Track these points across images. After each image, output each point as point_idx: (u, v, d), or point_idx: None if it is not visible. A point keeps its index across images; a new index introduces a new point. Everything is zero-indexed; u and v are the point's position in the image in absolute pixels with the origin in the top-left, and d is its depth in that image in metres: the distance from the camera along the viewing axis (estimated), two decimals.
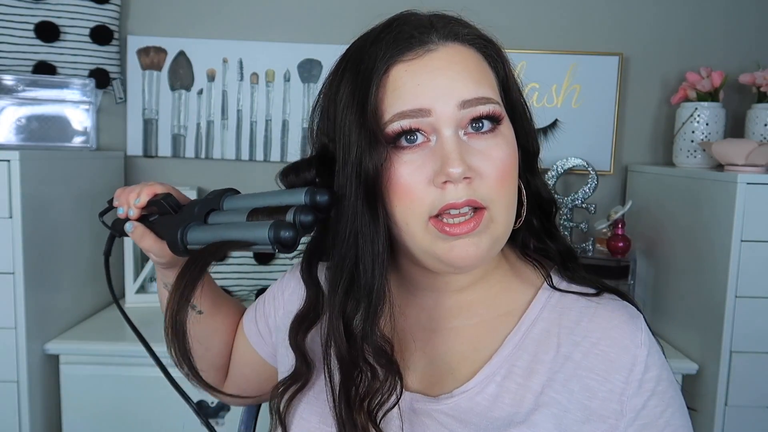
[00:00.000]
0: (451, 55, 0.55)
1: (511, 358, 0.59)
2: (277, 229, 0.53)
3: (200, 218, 0.63)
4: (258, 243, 0.55)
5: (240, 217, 0.59)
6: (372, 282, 0.55)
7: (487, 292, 0.63)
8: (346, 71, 0.57)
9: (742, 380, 1.27)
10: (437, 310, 0.63)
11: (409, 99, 0.53)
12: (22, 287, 1.22)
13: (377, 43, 0.56)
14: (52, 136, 1.49)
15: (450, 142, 0.53)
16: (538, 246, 0.66)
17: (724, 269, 1.25)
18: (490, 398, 0.58)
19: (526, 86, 1.68)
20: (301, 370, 0.63)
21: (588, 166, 1.64)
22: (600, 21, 1.72)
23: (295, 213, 0.55)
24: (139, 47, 1.69)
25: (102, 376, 1.34)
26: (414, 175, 0.53)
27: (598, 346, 0.58)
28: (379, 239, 0.55)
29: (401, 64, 0.54)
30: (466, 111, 0.54)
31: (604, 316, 0.59)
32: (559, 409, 0.56)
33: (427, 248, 0.55)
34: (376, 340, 0.56)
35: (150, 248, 0.68)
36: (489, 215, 0.54)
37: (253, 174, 1.74)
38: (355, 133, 0.54)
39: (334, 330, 0.57)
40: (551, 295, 0.62)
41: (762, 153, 1.33)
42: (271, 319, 0.75)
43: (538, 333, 0.60)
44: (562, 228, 1.64)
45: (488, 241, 0.55)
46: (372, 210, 0.54)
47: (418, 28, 0.56)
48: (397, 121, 0.53)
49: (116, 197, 0.71)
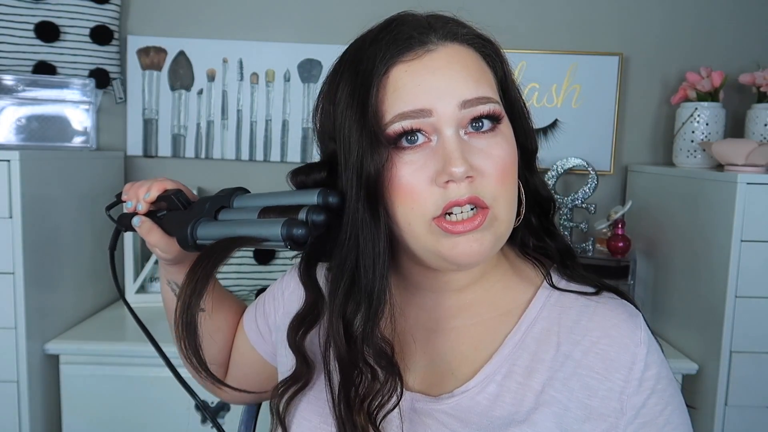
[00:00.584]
0: (450, 55, 0.55)
1: (511, 357, 0.59)
2: (290, 227, 0.54)
3: (210, 215, 0.63)
4: (270, 240, 0.55)
5: (251, 215, 0.60)
6: (373, 284, 0.55)
7: (486, 292, 0.63)
8: (344, 72, 0.57)
9: (742, 380, 1.27)
10: (437, 310, 0.63)
11: (409, 99, 0.53)
12: (22, 287, 1.22)
13: (376, 44, 0.56)
14: (52, 136, 1.49)
15: (452, 142, 0.53)
16: (537, 244, 0.66)
17: (724, 269, 1.25)
18: (491, 397, 0.58)
19: (526, 86, 1.69)
20: (301, 371, 0.63)
21: (588, 166, 1.64)
22: (600, 21, 1.72)
23: (308, 212, 0.56)
24: (139, 47, 1.69)
25: (102, 376, 1.34)
26: (416, 176, 0.54)
27: (598, 345, 0.58)
28: (380, 241, 0.55)
29: (401, 65, 0.54)
30: (466, 111, 0.54)
31: (603, 314, 0.60)
32: (560, 407, 0.56)
33: (430, 247, 0.55)
34: (376, 342, 0.56)
35: (157, 243, 0.68)
36: (492, 213, 0.55)
37: (253, 174, 1.74)
38: (355, 135, 0.54)
39: (335, 331, 0.57)
40: (551, 294, 0.62)
41: (762, 153, 1.33)
42: (271, 319, 0.75)
43: (538, 332, 0.60)
44: (561, 228, 1.64)
45: (491, 238, 0.55)
46: (373, 211, 0.54)
47: (417, 29, 0.56)
48: (398, 122, 0.53)
49: (125, 191, 0.71)
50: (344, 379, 0.57)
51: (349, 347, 0.57)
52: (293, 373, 0.64)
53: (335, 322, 0.57)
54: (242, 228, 0.58)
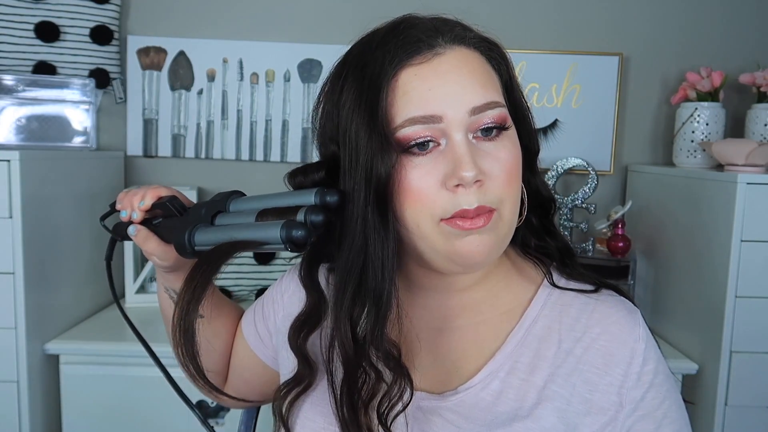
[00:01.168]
0: (458, 59, 0.56)
1: (514, 354, 0.60)
2: (289, 229, 0.53)
3: (207, 220, 0.62)
4: (270, 243, 0.55)
5: (248, 219, 0.59)
6: (381, 287, 0.55)
7: (489, 291, 0.64)
8: (349, 74, 0.57)
9: (742, 380, 1.27)
10: (441, 310, 0.64)
11: (420, 104, 0.54)
12: (22, 287, 1.22)
13: (383, 47, 0.56)
14: (52, 136, 1.49)
15: (462, 146, 0.54)
16: (538, 244, 0.67)
17: (724, 269, 1.25)
18: (495, 394, 0.59)
19: (526, 86, 1.69)
20: (303, 373, 0.63)
21: (588, 166, 1.64)
22: (600, 21, 1.72)
23: (306, 213, 0.55)
24: (139, 47, 1.69)
25: (102, 376, 1.34)
26: (425, 179, 0.54)
27: (599, 341, 0.59)
28: (389, 244, 0.55)
29: (410, 68, 0.55)
30: (475, 116, 0.55)
31: (603, 312, 0.61)
32: (562, 402, 0.57)
33: (439, 248, 0.56)
34: (384, 345, 0.56)
35: (153, 251, 0.67)
36: (498, 215, 0.55)
37: (253, 174, 1.74)
38: (364, 138, 0.54)
39: (342, 335, 0.57)
40: (551, 293, 0.64)
41: (762, 153, 1.33)
42: (271, 322, 0.75)
43: (539, 330, 0.61)
44: (562, 228, 1.64)
45: (496, 239, 0.56)
46: (382, 214, 0.55)
47: (426, 32, 0.56)
48: (409, 126, 0.54)
49: (119, 200, 0.71)
50: (349, 381, 0.57)
51: (356, 349, 0.57)
52: (295, 375, 0.64)
53: (343, 326, 0.57)
54: (240, 232, 0.57)
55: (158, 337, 0.72)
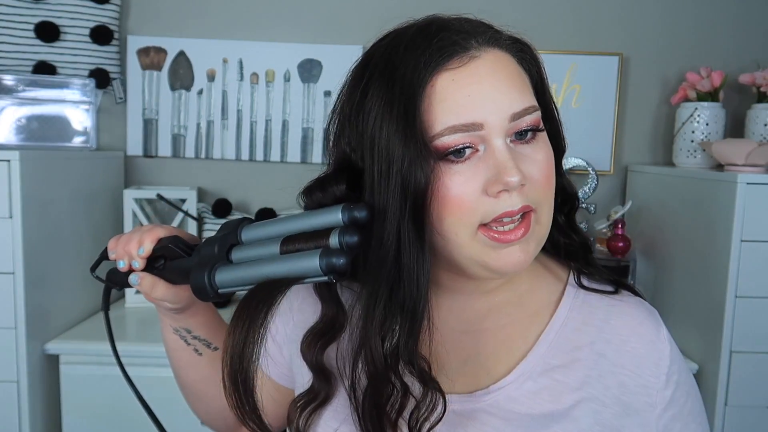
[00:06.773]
0: (493, 62, 0.54)
1: (546, 356, 0.60)
2: (329, 257, 0.49)
3: (223, 258, 0.57)
4: (309, 276, 0.50)
5: (271, 249, 0.54)
6: (417, 300, 0.53)
7: (515, 292, 0.63)
8: (374, 79, 0.54)
9: (742, 380, 1.27)
10: (467, 312, 0.63)
11: (461, 112, 0.52)
12: (22, 287, 1.22)
13: (414, 50, 0.53)
14: (52, 136, 1.49)
15: (503, 152, 0.52)
16: (565, 242, 0.66)
17: (724, 269, 1.25)
18: (529, 394, 0.58)
19: None
20: (320, 387, 0.61)
21: (588, 166, 1.64)
22: (600, 21, 1.72)
23: (340, 235, 0.51)
24: (139, 47, 1.69)
25: (102, 376, 1.34)
26: (465, 186, 0.52)
27: (629, 343, 0.60)
28: (424, 255, 0.53)
29: (446, 73, 0.52)
30: (514, 122, 0.54)
31: (628, 313, 0.62)
32: (598, 404, 0.58)
33: (474, 256, 0.54)
34: (416, 359, 0.55)
35: (164, 297, 0.64)
36: (535, 217, 0.55)
37: (253, 174, 1.74)
38: (398, 146, 0.51)
39: (373, 350, 0.54)
40: (577, 294, 0.63)
41: (762, 153, 1.33)
42: (280, 335, 0.71)
43: (570, 331, 0.61)
44: None
45: (534, 245, 0.56)
46: (417, 225, 0.52)
47: (459, 34, 0.54)
48: (449, 135, 0.52)
49: (111, 249, 0.66)
50: (374, 395, 0.55)
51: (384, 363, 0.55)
52: (311, 389, 0.62)
53: (373, 341, 0.54)
54: (269, 267, 0.52)
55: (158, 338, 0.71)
